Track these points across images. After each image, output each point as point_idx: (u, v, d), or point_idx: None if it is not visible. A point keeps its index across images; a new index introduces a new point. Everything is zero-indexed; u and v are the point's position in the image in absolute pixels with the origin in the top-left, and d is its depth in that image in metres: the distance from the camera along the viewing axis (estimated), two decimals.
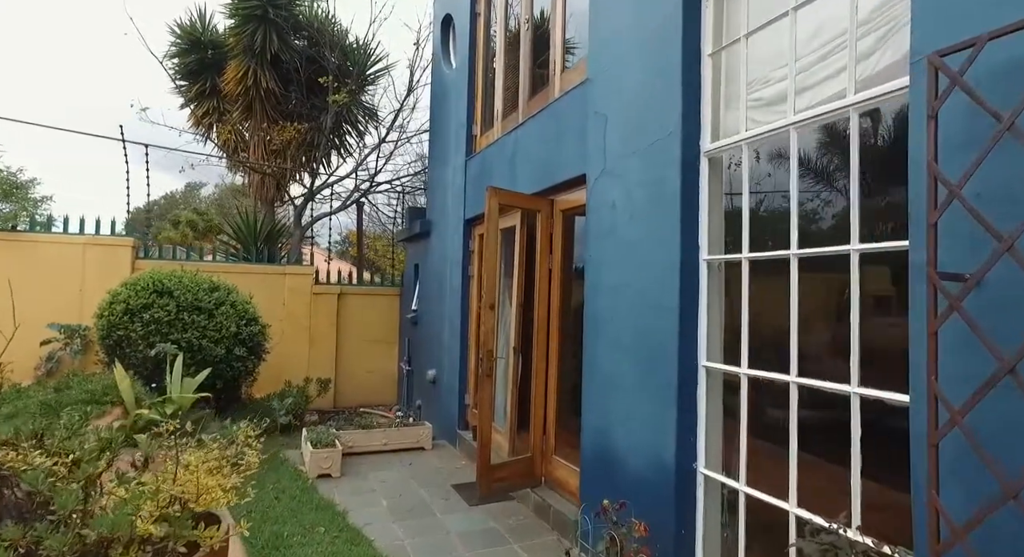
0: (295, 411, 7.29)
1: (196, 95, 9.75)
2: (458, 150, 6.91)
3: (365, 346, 9.24)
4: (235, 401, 7.19)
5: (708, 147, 3.19)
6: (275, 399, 7.23)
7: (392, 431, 6.45)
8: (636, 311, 3.49)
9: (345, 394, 9.11)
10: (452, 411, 6.70)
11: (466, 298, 6.58)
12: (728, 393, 3.14)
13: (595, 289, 3.94)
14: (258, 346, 7.00)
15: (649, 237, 3.42)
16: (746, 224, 2.93)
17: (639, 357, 3.44)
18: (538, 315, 4.82)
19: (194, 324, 6.43)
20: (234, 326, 6.65)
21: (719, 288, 3.19)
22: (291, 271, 8.74)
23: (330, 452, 5.54)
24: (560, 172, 4.57)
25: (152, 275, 6.60)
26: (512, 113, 5.74)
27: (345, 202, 9.88)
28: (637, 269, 3.51)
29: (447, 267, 7.07)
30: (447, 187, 7.24)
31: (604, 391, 3.77)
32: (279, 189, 9.77)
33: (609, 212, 3.82)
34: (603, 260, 3.86)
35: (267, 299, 8.51)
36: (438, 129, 7.96)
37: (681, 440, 3.13)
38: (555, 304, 4.73)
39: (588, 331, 3.99)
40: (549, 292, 4.80)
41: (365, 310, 9.26)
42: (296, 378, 8.40)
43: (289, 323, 8.70)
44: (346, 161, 10.05)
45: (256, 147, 9.26)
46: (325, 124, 9.10)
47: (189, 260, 8.32)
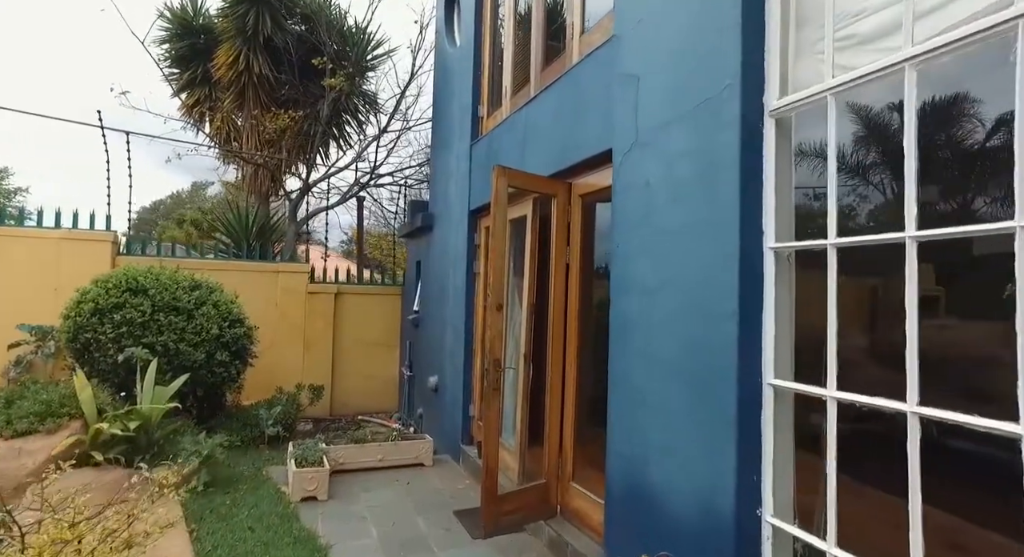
0: (284, 421, 6.62)
1: (187, 82, 9.12)
2: (462, 135, 6.22)
3: (364, 350, 8.57)
4: (218, 410, 6.53)
5: (775, 105, 2.47)
6: (263, 407, 6.57)
7: (388, 446, 5.76)
8: (679, 316, 2.78)
9: (342, 401, 8.45)
10: (455, 423, 6.01)
11: (471, 298, 5.89)
12: (804, 420, 2.42)
13: (624, 288, 3.23)
14: (243, 350, 6.35)
15: (696, 222, 2.70)
16: (833, 200, 2.21)
17: (683, 373, 2.73)
18: (553, 318, 4.12)
19: (171, 326, 5.78)
20: (216, 328, 5.99)
21: (788, 284, 2.47)
22: (284, 269, 8.08)
23: (316, 472, 4.86)
24: (579, 150, 3.87)
25: (126, 272, 5.95)
26: (523, 88, 5.05)
27: (344, 196, 9.21)
28: (680, 263, 2.80)
29: (450, 264, 6.38)
30: (450, 176, 6.55)
31: (636, 412, 3.06)
32: (274, 182, 9.12)
33: (642, 193, 3.11)
34: (634, 253, 3.16)
35: (259, 299, 7.87)
36: (441, 114, 7.27)
37: (741, 480, 2.42)
38: (573, 306, 4.03)
39: (615, 339, 3.28)
40: (566, 292, 4.10)
41: (364, 311, 8.59)
42: (289, 384, 7.74)
43: (282, 325, 8.05)
44: (345, 153, 9.37)
45: (249, 137, 8.62)
46: (322, 112, 8.43)
47: (175, 257, 7.67)
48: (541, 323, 4.39)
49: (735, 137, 2.51)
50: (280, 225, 9.02)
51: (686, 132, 2.81)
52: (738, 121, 2.50)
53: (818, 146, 2.45)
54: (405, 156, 9.83)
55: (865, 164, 2.32)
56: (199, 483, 4.79)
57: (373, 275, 9.53)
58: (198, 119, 9.18)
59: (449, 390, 6.25)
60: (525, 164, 4.62)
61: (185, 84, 9.13)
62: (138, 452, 4.94)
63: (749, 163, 2.50)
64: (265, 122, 8.11)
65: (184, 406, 6.06)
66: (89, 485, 4.33)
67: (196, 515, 4.33)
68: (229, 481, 5.10)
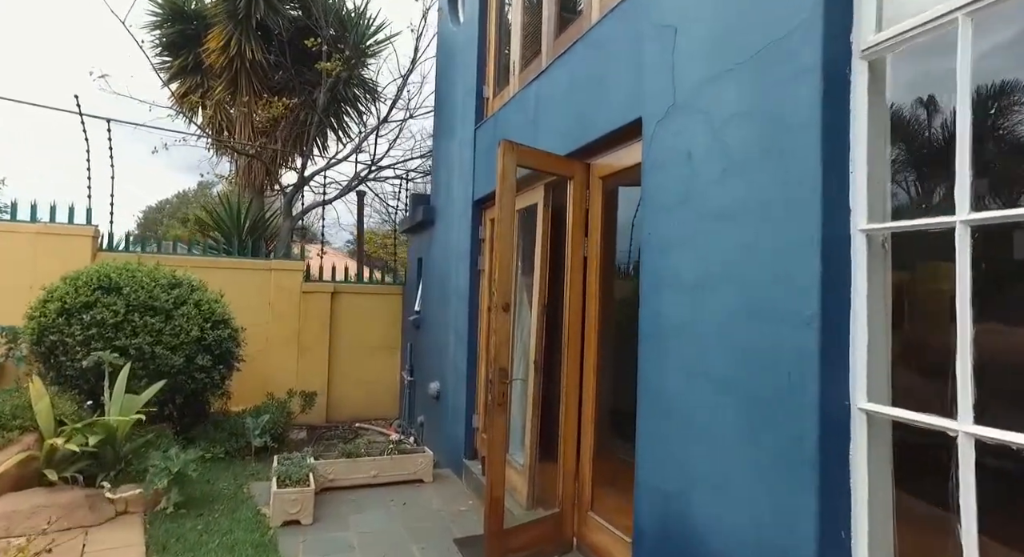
0: (273, 430, 6.07)
1: (178, 70, 8.60)
2: (466, 120, 5.65)
3: (363, 353, 8.01)
4: (202, 418, 5.98)
5: (870, 42, 1.88)
6: (250, 416, 6.02)
7: (384, 461, 5.19)
8: (734, 319, 2.19)
9: (339, 407, 7.89)
10: (457, 435, 5.43)
11: (475, 298, 5.31)
12: (911, 455, 1.83)
13: (658, 285, 2.65)
14: (227, 353, 5.79)
15: (757, 200, 2.12)
16: (965, 160, 1.62)
17: (740, 391, 2.14)
18: (568, 320, 3.54)
19: (147, 327, 5.23)
20: (196, 330, 5.44)
21: (884, 278, 1.88)
22: (278, 267, 7.54)
23: (300, 493, 4.29)
24: (600, 123, 3.28)
25: (98, 268, 5.42)
26: (534, 60, 4.47)
27: (343, 190, 8.66)
28: (734, 254, 2.21)
29: (452, 261, 5.81)
30: (453, 165, 5.98)
31: (673, 437, 2.48)
32: (269, 176, 8.58)
33: (681, 168, 2.52)
34: (671, 242, 2.57)
35: (250, 299, 7.33)
36: (443, 100, 6.71)
37: (825, 536, 1.83)
38: (592, 306, 3.44)
39: (646, 346, 2.69)
40: (584, 289, 3.51)
41: (363, 312, 8.03)
42: (283, 390, 7.19)
43: (276, 326, 7.50)
44: (345, 146, 8.82)
45: (243, 127, 8.08)
46: (318, 100, 7.88)
47: (161, 253, 7.14)
48: (554, 326, 3.82)
49: (813, 88, 1.92)
50: (275, 220, 8.47)
51: (741, 88, 2.22)
52: (818, 67, 1.91)
53: (923, 93, 1.86)
54: (407, 149, 9.27)
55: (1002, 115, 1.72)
56: (168, 504, 4.24)
57: (373, 274, 8.97)
58: (190, 109, 8.65)
59: (451, 398, 5.68)
60: (537, 144, 4.04)
61: (176, 72, 8.60)
62: (104, 468, 4.40)
63: (832, 121, 1.90)
64: (257, 110, 7.56)
65: (163, 415, 5.53)
66: (39, 508, 3.81)
67: (159, 543, 3.77)
68: (204, 501, 4.54)
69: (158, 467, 4.24)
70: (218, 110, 8.22)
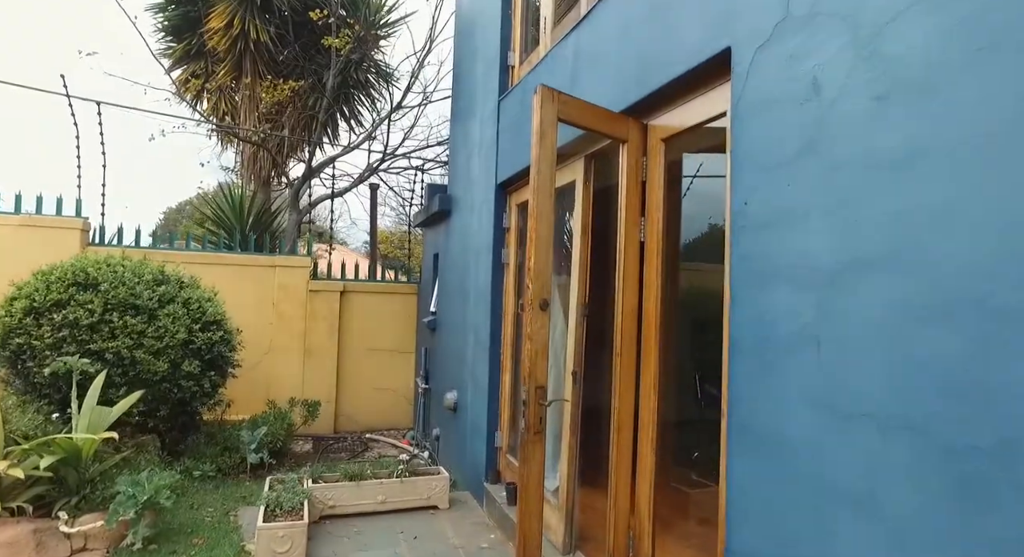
0: (272, 444, 5.38)
1: (182, 55, 8.00)
2: (487, 94, 4.91)
3: (374, 357, 7.31)
4: (191, 431, 5.30)
5: None
6: (246, 428, 5.33)
7: (393, 484, 4.45)
8: (911, 323, 1.40)
9: (348, 415, 7.20)
10: (477, 454, 4.67)
11: (498, 297, 4.56)
12: None
13: (760, 277, 1.87)
14: (220, 358, 5.11)
15: (957, 136, 1.33)
16: None
17: (925, 436, 1.35)
18: (621, 324, 2.76)
19: (127, 329, 4.57)
20: (183, 332, 4.76)
21: None
22: (282, 263, 6.87)
23: (290, 528, 3.56)
24: (665, 66, 2.50)
25: (74, 262, 4.77)
26: (571, 10, 3.70)
27: (355, 181, 7.97)
28: (912, 221, 1.42)
29: (472, 255, 5.06)
30: (473, 146, 5.24)
31: (791, 498, 1.69)
32: (276, 166, 7.92)
33: (804, 104, 1.74)
34: (787, 212, 1.79)
35: (252, 298, 6.68)
36: (462, 77, 5.97)
37: None
38: (652, 304, 2.66)
39: (742, 363, 1.91)
40: (641, 284, 2.73)
41: (374, 312, 7.33)
42: (287, 397, 6.52)
43: (279, 328, 6.83)
44: (356, 135, 8.13)
45: (248, 113, 7.43)
46: (327, 83, 7.20)
47: (156, 248, 6.51)
48: (595, 331, 3.05)
49: None
50: (280, 214, 7.81)
51: None
52: None
53: None
54: (422, 139, 8.57)
55: None
56: (136, 539, 3.55)
57: (385, 273, 8.27)
58: (194, 97, 8.03)
59: (470, 411, 4.93)
60: None
61: (179, 57, 7.99)
62: (65, 494, 3.73)
63: None
64: (262, 94, 6.90)
65: (147, 427, 4.87)
66: None
67: None
68: (181, 532, 3.85)
69: (124, 494, 3.54)
70: (222, 96, 7.59)
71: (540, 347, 2.34)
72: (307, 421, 6.10)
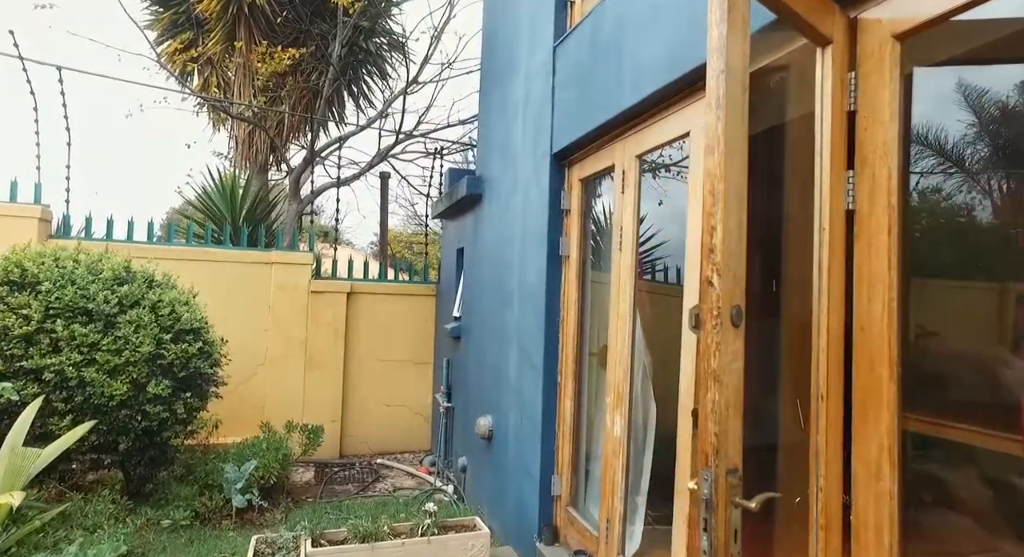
0: (264, 479, 4.27)
1: (169, 24, 6.91)
2: (537, 41, 3.81)
3: (386, 369, 6.21)
4: (162, 466, 4.18)
5: None
6: (231, 461, 4.22)
7: (419, 546, 3.32)
8: None
9: (356, 436, 6.09)
10: (526, 501, 3.56)
11: (555, 299, 3.45)
12: None
13: None
14: (198, 375, 4.00)
15: None
16: None
17: None
18: (821, 348, 1.63)
19: (74, 340, 3.48)
20: (150, 343, 3.66)
21: None
22: (279, 260, 5.76)
23: None
24: None
25: (8, 256, 3.68)
26: None
27: (364, 168, 6.86)
28: None
29: (515, 247, 3.96)
30: (515, 111, 4.14)
31: None
32: (274, 151, 6.82)
33: None
34: None
35: (243, 300, 5.59)
36: (497, 24, 4.86)
37: None
38: (879, 316, 1.53)
39: None
40: (849, 279, 1.62)
41: (386, 317, 6.23)
42: (284, 416, 5.43)
43: (276, 335, 5.73)
44: (366, 114, 7.02)
45: (242, 89, 6.33)
46: (333, 51, 6.10)
47: (130, 241, 5.40)
48: (762, 348, 1.94)
49: None
50: (279, 203, 6.70)
51: None
52: None
53: None
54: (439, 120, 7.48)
55: None
56: None
57: (398, 272, 7.16)
58: (183, 73, 6.93)
59: (514, 445, 3.82)
60: (695, 31, 2.19)
61: (167, 26, 6.90)
62: None
63: None
64: (257, 64, 5.80)
65: (103, 464, 3.77)
66: None
67: None
68: None
69: None
70: (214, 71, 6.49)
71: (732, 395, 1.22)
72: (307, 451, 4.98)
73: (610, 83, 2.81)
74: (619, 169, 2.86)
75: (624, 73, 2.69)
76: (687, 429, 2.24)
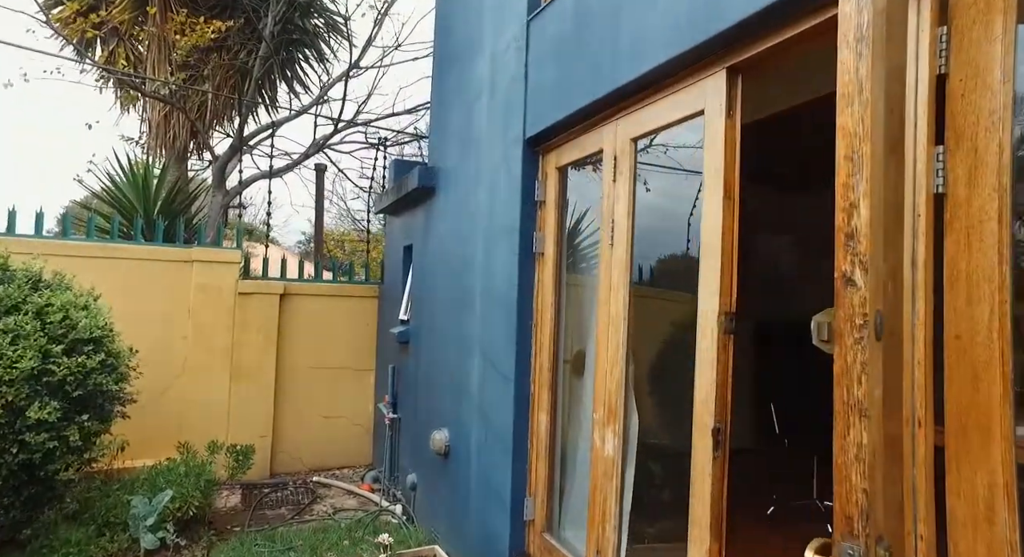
0: (182, 511, 3.59)
1: None
2: (505, 15, 3.40)
3: (323, 377, 5.58)
4: (48, 504, 3.40)
5: None
6: (140, 493, 3.52)
7: None
8: None
9: (291, 452, 5.42)
10: (494, 527, 3.13)
11: (527, 301, 3.04)
12: None
13: None
14: (99, 394, 3.28)
15: None
16: None
17: None
18: (915, 354, 1.31)
19: None
20: (33, 357, 2.93)
21: None
22: (202, 257, 5.02)
23: None
24: None
25: None
26: None
27: (297, 159, 6.18)
28: None
29: (476, 245, 3.52)
30: (478, 93, 3.70)
31: None
32: (195, 136, 6.01)
33: None
34: None
35: (158, 303, 4.83)
36: (453, 5, 4.40)
37: None
38: (986, 322, 1.23)
39: None
40: (939, 277, 1.31)
41: (324, 321, 5.60)
42: (207, 434, 4.72)
43: (198, 342, 4.98)
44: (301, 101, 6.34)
45: (159, 64, 5.50)
46: (265, 26, 5.41)
47: (12, 235, 4.50)
48: None
49: None
50: (201, 195, 5.91)
51: None
52: None
53: None
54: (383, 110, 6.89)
55: None
56: None
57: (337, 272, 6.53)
58: (85, 45, 5.97)
59: (478, 463, 3.37)
60: (716, 3, 1.86)
61: None
62: None
63: None
64: (174, 35, 5.02)
65: None
66: None
67: None
68: None
69: None
70: (122, 43, 5.61)
71: (879, 434, 0.86)
72: (234, 475, 4.31)
73: (601, 57, 2.45)
74: (610, 154, 2.49)
75: (621, 44, 2.32)
76: (705, 451, 1.90)
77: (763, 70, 1.90)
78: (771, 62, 1.83)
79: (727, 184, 1.91)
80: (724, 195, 1.91)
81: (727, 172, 1.91)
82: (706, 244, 1.96)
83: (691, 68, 2.04)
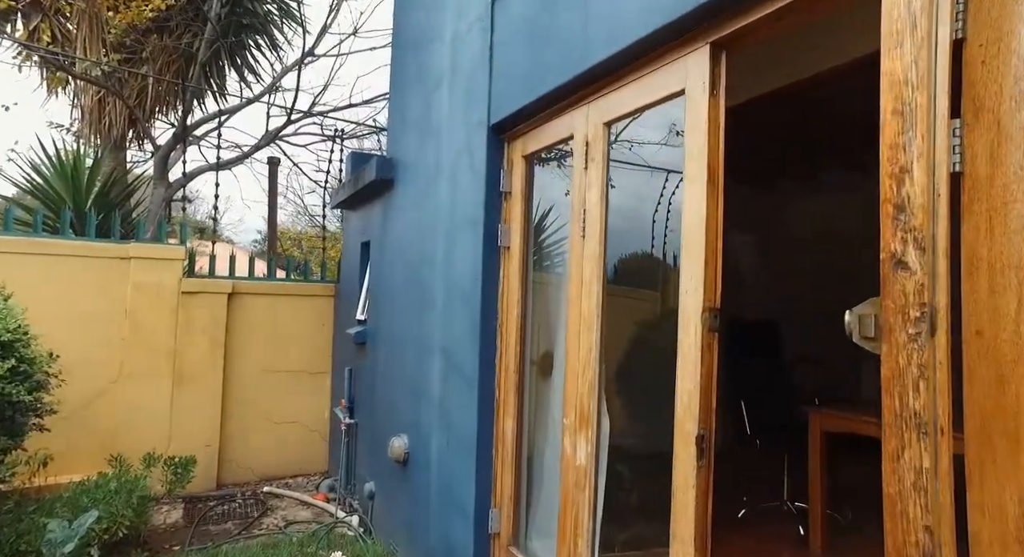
0: (111, 532, 3.23)
1: None
2: (465, 1, 3.17)
3: (275, 381, 5.23)
4: None
5: None
6: (61, 514, 3.14)
7: None
8: None
9: (239, 461, 5.06)
10: (457, 540, 2.90)
11: (492, 298, 2.83)
12: None
13: None
14: (8, 406, 2.90)
15: None
16: None
17: None
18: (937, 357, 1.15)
19: None
20: None
21: None
22: (139, 254, 4.60)
23: None
24: None
25: None
26: None
27: (249, 151, 5.80)
28: None
29: (437, 239, 3.28)
30: (437, 83, 3.46)
31: None
32: (134, 124, 5.54)
33: None
34: None
35: (93, 303, 4.42)
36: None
37: None
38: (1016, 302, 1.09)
39: None
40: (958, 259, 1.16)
41: (276, 321, 5.25)
42: (146, 444, 4.33)
43: (136, 345, 4.57)
44: (252, 90, 5.95)
45: (90, 42, 5.03)
46: (211, 7, 5.02)
47: None
48: None
49: None
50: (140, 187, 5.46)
51: None
52: None
53: None
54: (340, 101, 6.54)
55: None
56: None
57: (289, 270, 6.17)
58: None
59: (439, 471, 3.13)
60: None
61: None
62: None
63: None
64: (106, 11, 4.59)
65: None
66: None
67: None
68: None
69: None
70: (48, 20, 5.11)
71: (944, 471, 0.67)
72: (172, 490, 3.94)
73: (572, 35, 2.25)
74: (580, 140, 2.30)
75: (594, 20, 2.14)
76: (688, 460, 1.72)
77: (748, 46, 1.74)
78: (759, 36, 1.67)
79: (711, 168, 1.74)
80: (708, 180, 1.74)
81: (711, 155, 1.74)
82: (688, 234, 1.79)
83: (671, 44, 1.86)
